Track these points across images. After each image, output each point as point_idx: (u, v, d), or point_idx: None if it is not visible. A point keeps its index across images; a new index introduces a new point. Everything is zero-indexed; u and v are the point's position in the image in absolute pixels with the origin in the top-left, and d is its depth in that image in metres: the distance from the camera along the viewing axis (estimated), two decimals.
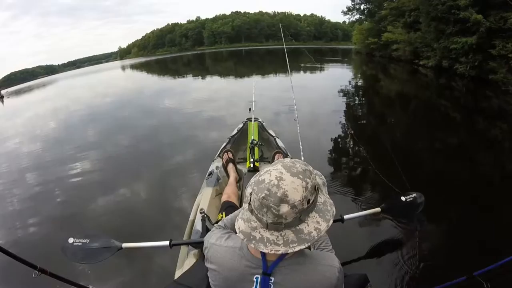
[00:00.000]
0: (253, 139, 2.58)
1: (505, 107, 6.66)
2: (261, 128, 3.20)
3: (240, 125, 3.26)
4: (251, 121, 3.14)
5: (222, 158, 2.53)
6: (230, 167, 2.39)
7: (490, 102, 7.24)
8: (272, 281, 0.73)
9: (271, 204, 0.66)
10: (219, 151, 2.77)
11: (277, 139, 2.95)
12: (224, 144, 2.94)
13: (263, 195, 0.67)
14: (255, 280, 0.74)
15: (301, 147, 2.37)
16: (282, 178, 0.67)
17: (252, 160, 2.45)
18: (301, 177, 0.68)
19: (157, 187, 3.51)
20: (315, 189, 0.72)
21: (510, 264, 1.22)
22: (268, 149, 2.94)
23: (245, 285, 0.76)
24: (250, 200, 0.71)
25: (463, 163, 3.69)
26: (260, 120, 3.34)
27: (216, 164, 2.48)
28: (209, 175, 2.34)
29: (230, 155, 2.50)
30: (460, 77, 9.94)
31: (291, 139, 3.09)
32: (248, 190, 0.73)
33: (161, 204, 3.11)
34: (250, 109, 3.37)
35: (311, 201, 0.70)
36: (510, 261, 1.22)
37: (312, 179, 0.71)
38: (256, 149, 2.55)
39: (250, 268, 0.75)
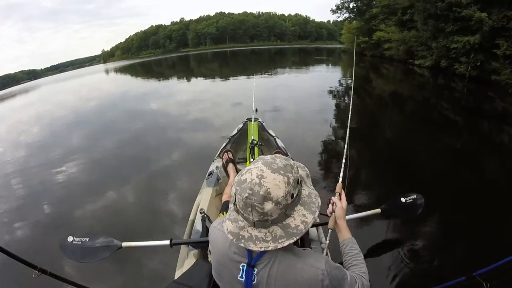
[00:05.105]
0: (253, 139, 2.57)
1: (510, 110, 6.51)
2: (261, 128, 3.19)
3: (240, 125, 3.26)
4: (251, 121, 3.14)
5: (222, 158, 2.52)
6: (230, 167, 2.38)
7: (494, 103, 7.09)
8: (255, 272, 0.74)
9: (255, 203, 0.67)
10: (219, 151, 2.77)
11: (277, 139, 2.94)
12: (224, 144, 2.95)
13: (246, 194, 0.67)
14: (241, 268, 0.76)
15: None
16: (263, 176, 0.68)
17: (252, 160, 2.44)
18: (282, 172, 0.69)
19: (152, 189, 3.48)
20: (298, 182, 0.72)
21: (510, 264, 1.22)
22: (268, 149, 2.94)
23: (233, 271, 0.77)
24: (235, 201, 0.72)
25: (464, 165, 3.68)
26: (260, 120, 3.34)
27: (216, 164, 2.48)
28: (209, 175, 2.34)
29: (230, 155, 2.49)
30: (459, 77, 9.79)
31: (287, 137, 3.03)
32: (232, 190, 0.74)
33: (154, 205, 3.11)
34: (256, 110, 3.37)
35: (294, 195, 0.70)
36: (509, 261, 1.22)
37: (294, 173, 0.71)
38: (256, 149, 2.54)
39: (238, 256, 0.77)
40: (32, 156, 5.44)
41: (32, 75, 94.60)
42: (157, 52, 74.97)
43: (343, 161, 1.63)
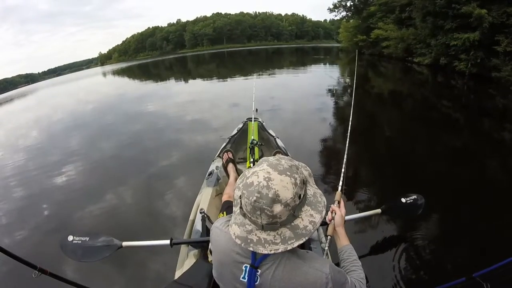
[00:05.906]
0: (253, 139, 2.56)
1: (511, 107, 6.43)
2: (261, 128, 3.19)
3: (240, 125, 3.25)
4: (251, 121, 3.13)
5: (222, 158, 2.52)
6: (230, 167, 2.38)
7: (495, 101, 7.03)
8: (259, 273, 0.74)
9: (264, 206, 0.66)
10: (219, 151, 2.76)
11: (277, 139, 2.94)
12: (224, 144, 2.94)
13: (255, 198, 0.67)
14: (244, 268, 0.76)
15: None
16: (270, 178, 0.67)
17: (252, 160, 2.43)
18: (289, 173, 0.69)
19: (152, 190, 3.47)
20: (304, 183, 0.72)
21: (510, 265, 1.22)
22: (268, 149, 2.94)
23: (236, 271, 0.77)
24: (241, 204, 0.71)
25: (464, 164, 3.65)
26: (260, 120, 3.33)
27: (216, 164, 2.48)
28: (209, 175, 2.34)
29: (230, 155, 2.49)
30: (459, 74, 9.73)
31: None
32: (237, 193, 0.73)
33: (154, 206, 3.10)
34: (257, 110, 3.37)
35: (301, 195, 0.70)
36: (510, 262, 1.22)
37: (299, 174, 0.71)
38: (256, 149, 2.54)
39: (241, 257, 0.77)
40: (31, 159, 5.41)
41: (30, 79, 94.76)
42: (154, 54, 74.56)
43: (343, 170, 1.64)
